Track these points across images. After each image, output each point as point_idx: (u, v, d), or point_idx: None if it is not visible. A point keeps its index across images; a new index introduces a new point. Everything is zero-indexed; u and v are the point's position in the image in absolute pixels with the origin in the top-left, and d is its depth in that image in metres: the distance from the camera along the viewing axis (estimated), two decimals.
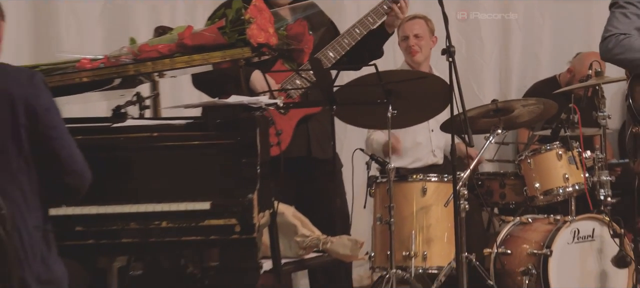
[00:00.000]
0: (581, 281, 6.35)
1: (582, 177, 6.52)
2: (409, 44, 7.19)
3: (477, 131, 6.55)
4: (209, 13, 5.63)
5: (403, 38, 7.23)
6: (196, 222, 4.36)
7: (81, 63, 4.69)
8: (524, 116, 6.66)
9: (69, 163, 4.00)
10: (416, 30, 7.19)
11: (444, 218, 6.41)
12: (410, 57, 7.20)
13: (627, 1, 4.85)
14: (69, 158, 4.00)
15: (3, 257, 3.75)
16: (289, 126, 5.69)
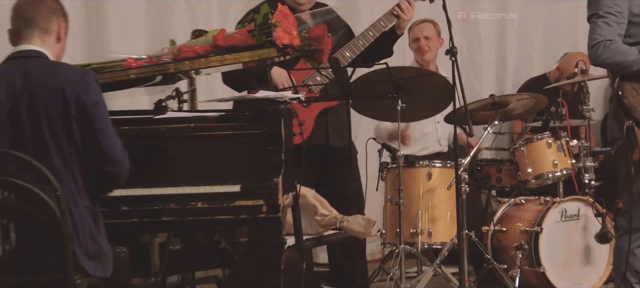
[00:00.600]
0: (568, 255, 6.32)
1: (569, 163, 6.49)
2: (420, 44, 7.17)
3: (477, 122, 6.53)
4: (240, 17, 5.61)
5: (414, 39, 7.21)
6: (228, 203, 4.35)
7: (127, 62, 4.67)
8: (518, 109, 6.62)
9: (108, 152, 3.99)
10: (426, 32, 7.18)
11: (447, 199, 6.40)
12: (421, 57, 7.18)
13: (607, 11, 4.76)
14: (109, 149, 3.99)
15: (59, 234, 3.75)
16: (310, 117, 5.67)
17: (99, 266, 3.95)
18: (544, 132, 6.59)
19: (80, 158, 3.95)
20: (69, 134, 3.91)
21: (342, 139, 5.77)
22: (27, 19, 4.04)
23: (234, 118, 4.59)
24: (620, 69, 4.78)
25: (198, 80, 5.02)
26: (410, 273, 6.59)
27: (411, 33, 7.20)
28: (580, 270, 6.32)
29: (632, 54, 4.73)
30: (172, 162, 4.45)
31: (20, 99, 3.91)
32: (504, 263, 6.32)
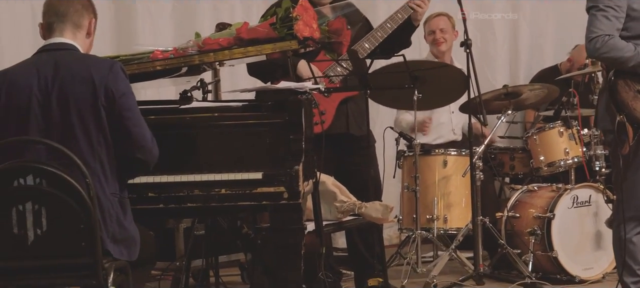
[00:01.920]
0: (580, 240, 6.31)
1: (581, 151, 6.49)
2: (435, 37, 7.19)
3: (491, 112, 6.56)
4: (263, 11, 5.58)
5: (430, 32, 7.22)
6: (250, 190, 4.33)
7: (154, 54, 4.67)
8: (530, 99, 6.65)
9: (139, 140, 4.00)
10: (441, 25, 7.19)
11: (462, 186, 6.43)
12: (436, 48, 7.19)
13: (606, 5, 4.70)
14: (140, 136, 4.00)
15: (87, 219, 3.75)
16: (331, 107, 5.67)
17: (125, 250, 3.96)
18: (556, 121, 6.58)
19: (108, 146, 3.95)
20: (98, 123, 3.92)
21: (361, 128, 5.77)
22: (60, 14, 4.06)
23: (257, 108, 4.57)
24: (617, 64, 4.74)
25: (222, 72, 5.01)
26: (427, 257, 6.60)
27: (427, 26, 7.21)
28: (591, 254, 6.31)
29: (629, 51, 4.68)
30: (197, 150, 4.44)
31: (51, 89, 3.92)
32: (518, 248, 6.31)
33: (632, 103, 4.73)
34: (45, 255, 3.79)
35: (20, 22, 6.47)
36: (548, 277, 6.21)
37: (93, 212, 3.75)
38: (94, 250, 3.76)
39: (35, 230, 3.76)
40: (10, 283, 3.87)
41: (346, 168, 5.63)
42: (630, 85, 4.73)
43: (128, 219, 4.01)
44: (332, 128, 5.57)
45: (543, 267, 6.27)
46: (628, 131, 4.75)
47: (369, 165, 5.80)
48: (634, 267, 4.86)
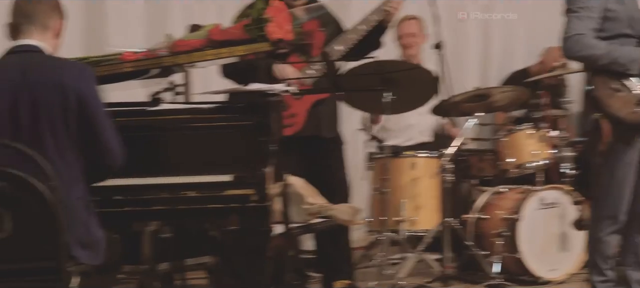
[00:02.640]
0: (545, 241, 6.34)
1: (549, 153, 6.53)
2: (405, 41, 7.22)
3: (461, 114, 6.59)
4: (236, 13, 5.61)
5: (400, 36, 7.25)
6: (219, 192, 4.33)
7: (125, 55, 4.67)
8: (500, 101, 6.65)
9: (107, 145, 3.99)
10: (411, 29, 7.22)
11: (430, 188, 6.45)
12: (406, 51, 7.23)
13: (579, 6, 4.83)
14: (108, 141, 3.99)
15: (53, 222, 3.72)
16: (303, 109, 5.65)
17: (91, 254, 3.93)
18: (525, 123, 6.64)
19: (76, 150, 3.93)
20: (67, 127, 3.89)
21: (332, 130, 5.79)
22: (28, 15, 4.03)
23: (227, 109, 4.61)
24: (590, 62, 4.87)
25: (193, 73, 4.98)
26: (394, 259, 6.59)
27: (397, 29, 7.22)
28: (556, 255, 6.35)
29: (600, 49, 4.78)
30: (166, 152, 4.44)
31: (19, 93, 3.88)
32: (485, 249, 6.34)
33: (608, 100, 4.82)
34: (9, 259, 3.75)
35: None
36: (514, 278, 6.25)
37: (58, 215, 3.72)
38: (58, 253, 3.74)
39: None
40: None
41: (315, 171, 5.61)
42: (607, 82, 4.82)
43: (94, 223, 3.99)
44: (303, 130, 5.57)
45: (509, 268, 6.30)
46: (603, 129, 4.85)
47: (338, 167, 5.80)
48: (603, 267, 4.92)
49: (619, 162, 4.84)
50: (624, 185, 4.85)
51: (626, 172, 4.84)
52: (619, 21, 4.84)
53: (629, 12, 4.84)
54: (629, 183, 4.86)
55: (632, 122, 4.77)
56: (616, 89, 4.79)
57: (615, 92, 4.79)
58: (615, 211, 4.86)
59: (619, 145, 4.83)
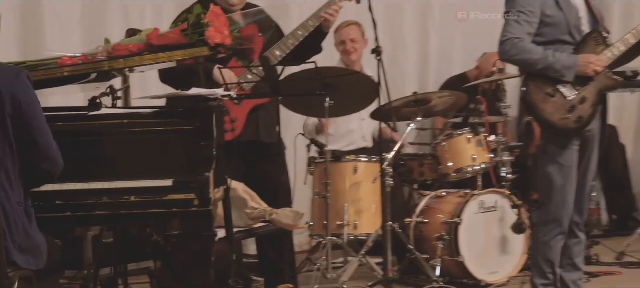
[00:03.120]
0: (486, 245, 6.37)
1: (487, 157, 6.56)
2: (346, 47, 7.25)
3: (401, 119, 6.57)
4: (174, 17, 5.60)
5: (340, 42, 7.27)
6: (160, 197, 4.30)
7: (62, 60, 4.62)
8: (439, 106, 6.70)
9: (45, 150, 3.95)
10: (352, 35, 7.24)
11: (372, 192, 6.45)
12: (347, 57, 7.26)
13: (519, 10, 4.88)
14: (46, 146, 3.95)
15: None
16: (242, 114, 5.64)
17: (32, 259, 3.89)
18: (464, 128, 6.65)
19: (14, 156, 3.88)
20: (3, 132, 3.84)
21: (271, 135, 5.78)
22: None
23: (167, 115, 4.56)
24: (525, 66, 4.93)
25: (132, 78, 4.98)
26: (337, 263, 6.61)
27: (337, 35, 7.25)
28: (497, 259, 6.38)
29: (537, 54, 4.83)
30: (106, 157, 4.40)
31: None
32: (426, 253, 6.36)
33: (541, 105, 4.87)
34: None
35: None
36: (455, 282, 6.27)
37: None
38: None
39: None
40: None
41: (257, 175, 5.62)
42: (541, 87, 4.88)
43: (34, 228, 3.94)
44: (243, 135, 5.52)
45: (450, 271, 6.32)
46: (535, 131, 4.96)
47: (280, 172, 5.81)
48: (546, 270, 4.97)
49: (554, 166, 4.89)
50: (567, 190, 4.90)
51: (565, 176, 4.89)
52: (556, 27, 4.89)
53: (567, 19, 4.89)
54: (571, 187, 4.92)
55: (563, 127, 4.84)
56: (550, 94, 4.85)
57: (548, 97, 4.85)
58: (559, 216, 4.92)
59: (552, 148, 4.89)
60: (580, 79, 4.84)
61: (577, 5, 4.94)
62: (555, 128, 4.84)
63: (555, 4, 4.88)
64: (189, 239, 4.41)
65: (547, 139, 4.91)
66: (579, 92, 4.85)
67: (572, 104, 4.84)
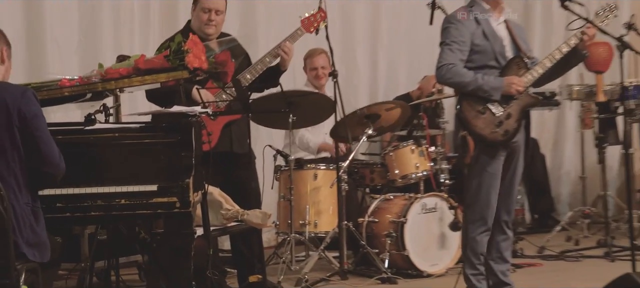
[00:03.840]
0: (427, 240, 6.38)
1: (428, 165, 6.57)
2: (318, 73, 7.18)
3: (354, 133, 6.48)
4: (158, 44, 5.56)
5: (312, 68, 7.20)
6: (147, 200, 4.30)
7: (62, 82, 4.62)
8: (387, 120, 6.65)
9: (48, 156, 3.95)
10: (322, 63, 7.17)
11: (330, 196, 6.45)
12: (318, 81, 7.17)
13: (451, 40, 4.89)
14: (49, 153, 3.95)
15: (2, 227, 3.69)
16: (217, 129, 5.60)
17: (38, 253, 3.89)
18: (408, 140, 6.65)
19: (22, 162, 3.89)
20: (12, 141, 3.85)
21: (243, 146, 5.75)
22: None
23: (152, 129, 4.52)
24: (459, 87, 4.94)
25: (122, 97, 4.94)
26: (300, 257, 6.60)
27: (310, 62, 7.20)
28: (436, 253, 6.39)
29: (468, 77, 4.85)
30: (100, 165, 4.38)
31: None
32: (376, 248, 6.37)
33: (473, 121, 4.88)
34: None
35: None
36: (401, 272, 6.27)
37: (7, 219, 3.68)
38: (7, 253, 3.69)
39: None
40: None
41: (230, 181, 5.57)
42: (473, 105, 4.88)
43: (40, 226, 3.94)
44: (218, 146, 5.50)
45: (397, 263, 6.33)
46: (469, 144, 4.97)
47: (250, 178, 5.78)
48: (475, 262, 4.98)
49: (484, 173, 4.89)
50: (491, 193, 4.90)
51: (491, 181, 4.90)
52: (484, 54, 4.90)
53: (493, 47, 4.90)
54: (495, 191, 4.92)
55: (493, 140, 4.85)
56: (480, 112, 4.86)
57: (479, 114, 4.86)
58: (484, 215, 4.92)
59: (483, 158, 4.90)
60: (506, 98, 4.85)
61: (502, 35, 4.96)
62: (486, 141, 4.86)
63: (482, 35, 4.90)
64: (171, 236, 4.40)
65: (479, 150, 4.92)
66: (505, 109, 4.86)
67: (500, 120, 4.86)
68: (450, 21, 4.97)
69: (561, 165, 9.15)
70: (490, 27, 4.93)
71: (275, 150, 6.57)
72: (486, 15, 4.94)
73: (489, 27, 4.92)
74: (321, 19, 5.87)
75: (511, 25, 5.02)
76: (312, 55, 7.20)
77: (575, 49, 4.90)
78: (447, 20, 5.02)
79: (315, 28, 5.88)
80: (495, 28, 4.94)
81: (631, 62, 7.35)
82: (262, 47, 6.99)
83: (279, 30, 6.88)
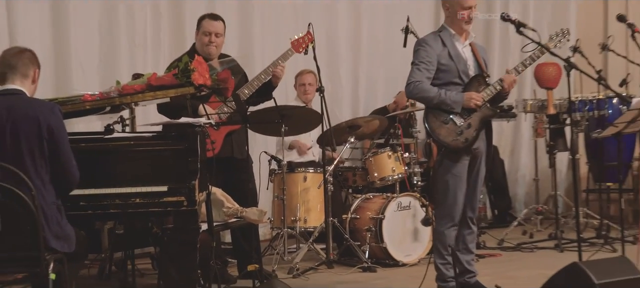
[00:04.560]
0: (402, 234, 6.37)
1: (403, 169, 6.56)
2: (305, 89, 7.19)
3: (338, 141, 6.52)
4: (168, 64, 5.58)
5: (301, 85, 7.22)
6: (158, 199, 4.31)
7: (85, 97, 4.63)
8: (366, 130, 6.67)
9: (66, 165, 3.98)
10: (310, 80, 7.19)
11: (317, 195, 6.44)
12: (305, 96, 7.19)
13: (420, 61, 4.89)
14: (67, 164, 3.98)
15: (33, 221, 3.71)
16: (219, 137, 5.59)
17: (64, 244, 3.92)
18: (385, 147, 6.65)
19: (48, 167, 3.91)
20: (40, 150, 3.88)
21: (242, 152, 5.72)
22: (11, 66, 4.00)
23: (163, 137, 4.54)
24: (425, 101, 4.94)
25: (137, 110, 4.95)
26: (291, 249, 6.59)
27: (299, 79, 7.21)
28: (410, 245, 6.39)
29: (433, 92, 4.85)
30: (117, 169, 4.40)
31: (5, 125, 3.86)
32: (358, 241, 6.35)
33: (437, 130, 4.88)
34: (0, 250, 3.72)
35: None
36: (379, 262, 6.27)
37: (37, 216, 3.70)
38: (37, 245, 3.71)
39: None
40: None
41: (231, 183, 5.54)
42: (437, 116, 4.88)
43: (64, 221, 3.96)
44: (220, 153, 5.51)
45: (376, 254, 6.32)
46: (433, 150, 4.97)
47: (248, 180, 5.75)
48: (443, 253, 4.97)
49: (449, 174, 4.88)
50: (458, 193, 4.89)
51: (457, 183, 4.89)
52: (449, 72, 4.89)
53: (457, 66, 4.90)
54: (461, 191, 4.91)
55: (454, 147, 4.85)
56: (444, 122, 4.85)
57: (443, 124, 4.85)
58: (451, 212, 4.91)
59: (446, 162, 4.89)
60: (467, 110, 4.85)
61: (467, 56, 4.96)
62: (449, 147, 4.86)
63: (448, 56, 4.90)
64: (180, 231, 4.42)
65: (442, 155, 4.91)
66: (465, 120, 4.86)
67: (461, 129, 4.86)
68: (420, 44, 4.97)
69: (518, 169, 9.16)
70: (455, 49, 4.92)
71: (270, 155, 6.58)
72: (453, 39, 4.94)
73: (455, 49, 4.92)
74: (309, 41, 5.87)
75: (476, 48, 5.02)
76: (301, 74, 7.22)
77: (499, 93, 4.94)
78: (417, 43, 5.03)
79: (304, 49, 5.87)
80: (460, 50, 4.94)
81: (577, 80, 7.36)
82: (258, 66, 6.99)
83: (273, 51, 6.88)
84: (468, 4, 4.87)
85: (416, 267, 6.17)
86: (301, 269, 6.02)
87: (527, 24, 4.86)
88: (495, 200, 8.57)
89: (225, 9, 7.08)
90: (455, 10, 4.89)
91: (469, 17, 4.89)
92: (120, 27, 6.94)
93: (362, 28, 8.43)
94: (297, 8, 7.87)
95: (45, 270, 3.72)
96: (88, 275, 5.83)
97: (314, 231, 6.40)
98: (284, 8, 7.84)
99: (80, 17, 6.72)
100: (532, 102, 7.51)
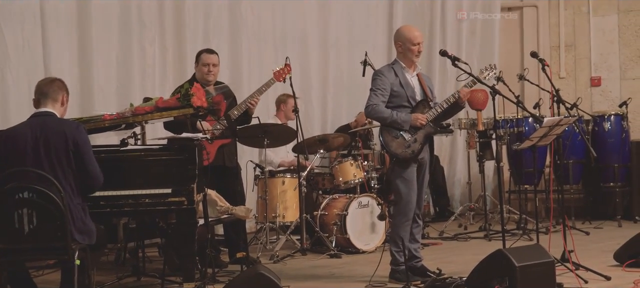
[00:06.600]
0: (362, 227, 6.35)
1: (363, 174, 6.56)
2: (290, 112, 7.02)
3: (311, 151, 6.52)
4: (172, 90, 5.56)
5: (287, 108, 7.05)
6: (164, 199, 4.32)
7: (104, 116, 4.62)
8: (333, 143, 6.69)
9: (92, 173, 3.98)
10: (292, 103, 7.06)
11: (294, 196, 6.42)
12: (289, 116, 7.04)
13: (376, 88, 4.91)
14: (93, 170, 3.98)
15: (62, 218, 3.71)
16: (213, 149, 5.57)
17: (87, 237, 3.92)
18: (348, 157, 6.65)
19: (74, 175, 3.92)
20: (68, 161, 3.89)
21: (232, 161, 5.71)
22: (44, 93, 4.02)
23: (168, 149, 4.54)
24: (380, 121, 4.95)
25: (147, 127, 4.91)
26: (272, 240, 6.55)
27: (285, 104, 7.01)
28: (369, 236, 6.38)
29: (386, 113, 4.87)
30: (131, 175, 4.40)
31: (39, 140, 3.87)
32: (326, 232, 6.34)
33: (390, 143, 4.90)
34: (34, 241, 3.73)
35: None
36: (344, 250, 6.26)
37: (65, 214, 3.70)
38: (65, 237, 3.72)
39: (29, 225, 3.70)
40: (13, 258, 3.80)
41: (223, 186, 5.52)
42: (390, 132, 4.89)
43: (87, 218, 3.96)
44: (214, 162, 5.50)
45: (341, 243, 6.31)
46: (386, 160, 4.91)
47: (238, 183, 5.74)
48: (398, 242, 4.96)
49: (400, 179, 4.88)
50: (410, 194, 4.90)
51: (409, 185, 4.89)
52: (400, 97, 4.91)
53: (406, 92, 4.91)
54: (414, 192, 4.91)
55: (403, 157, 4.85)
56: (395, 137, 4.87)
57: (394, 139, 4.86)
58: (406, 210, 4.91)
59: (397, 169, 4.89)
60: (414, 128, 4.88)
61: (414, 84, 4.97)
62: (399, 157, 4.87)
63: (399, 84, 4.91)
64: (181, 225, 4.41)
65: (394, 163, 4.92)
66: (412, 135, 4.89)
67: (409, 143, 4.88)
68: (377, 74, 4.98)
69: (454, 174, 9.19)
70: (405, 79, 4.94)
71: (255, 164, 6.58)
72: (403, 71, 4.96)
73: (405, 78, 4.94)
74: (287, 72, 5.85)
75: (422, 78, 5.04)
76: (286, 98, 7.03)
77: (455, 103, 4.97)
78: (375, 73, 5.04)
79: (283, 78, 5.86)
80: (409, 79, 4.96)
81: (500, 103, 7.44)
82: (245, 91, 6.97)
83: (257, 80, 6.88)
84: (417, 41, 4.91)
85: (373, 254, 6.17)
86: (280, 256, 6.00)
87: (460, 58, 4.92)
88: (436, 199, 8.57)
89: (219, 44, 7.10)
90: (407, 47, 4.92)
91: (418, 51, 4.92)
92: (134, 59, 6.91)
93: (329, 61, 8.43)
94: (277, 44, 7.89)
95: (71, 258, 3.74)
96: (106, 261, 5.80)
97: (291, 225, 6.38)
98: (267, 44, 7.87)
99: (101, 51, 6.68)
100: (465, 121, 7.58)
